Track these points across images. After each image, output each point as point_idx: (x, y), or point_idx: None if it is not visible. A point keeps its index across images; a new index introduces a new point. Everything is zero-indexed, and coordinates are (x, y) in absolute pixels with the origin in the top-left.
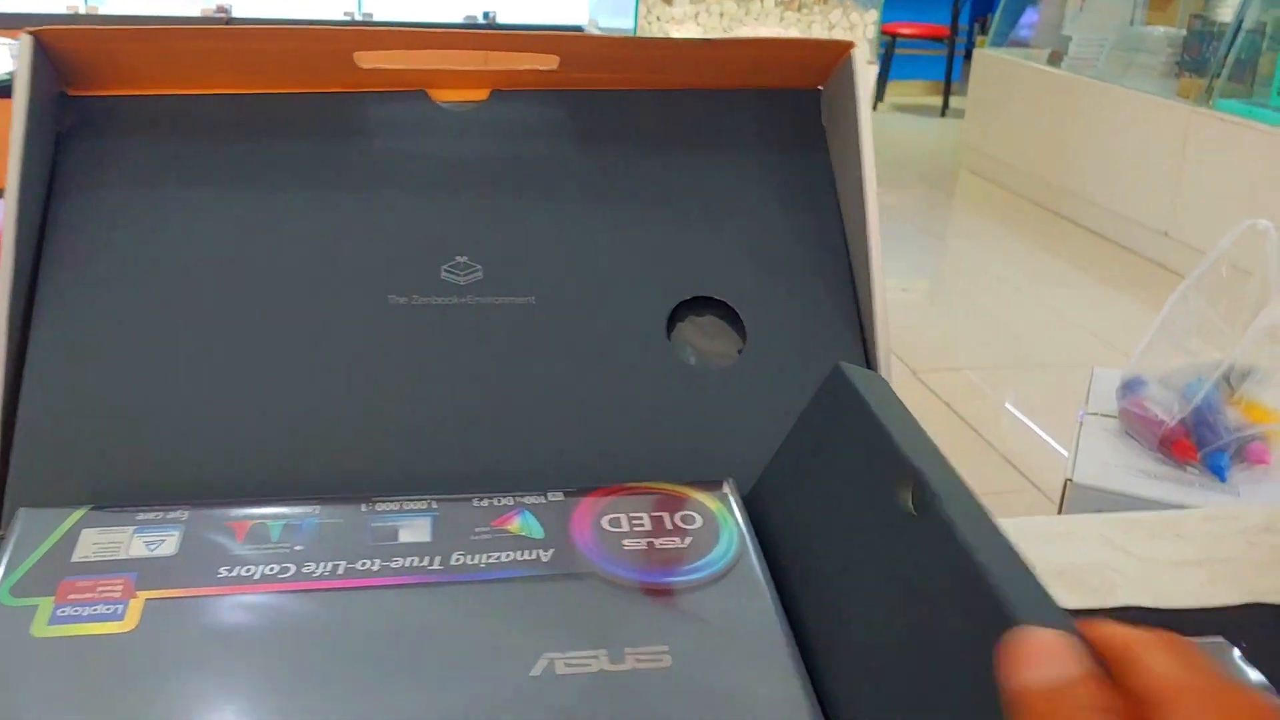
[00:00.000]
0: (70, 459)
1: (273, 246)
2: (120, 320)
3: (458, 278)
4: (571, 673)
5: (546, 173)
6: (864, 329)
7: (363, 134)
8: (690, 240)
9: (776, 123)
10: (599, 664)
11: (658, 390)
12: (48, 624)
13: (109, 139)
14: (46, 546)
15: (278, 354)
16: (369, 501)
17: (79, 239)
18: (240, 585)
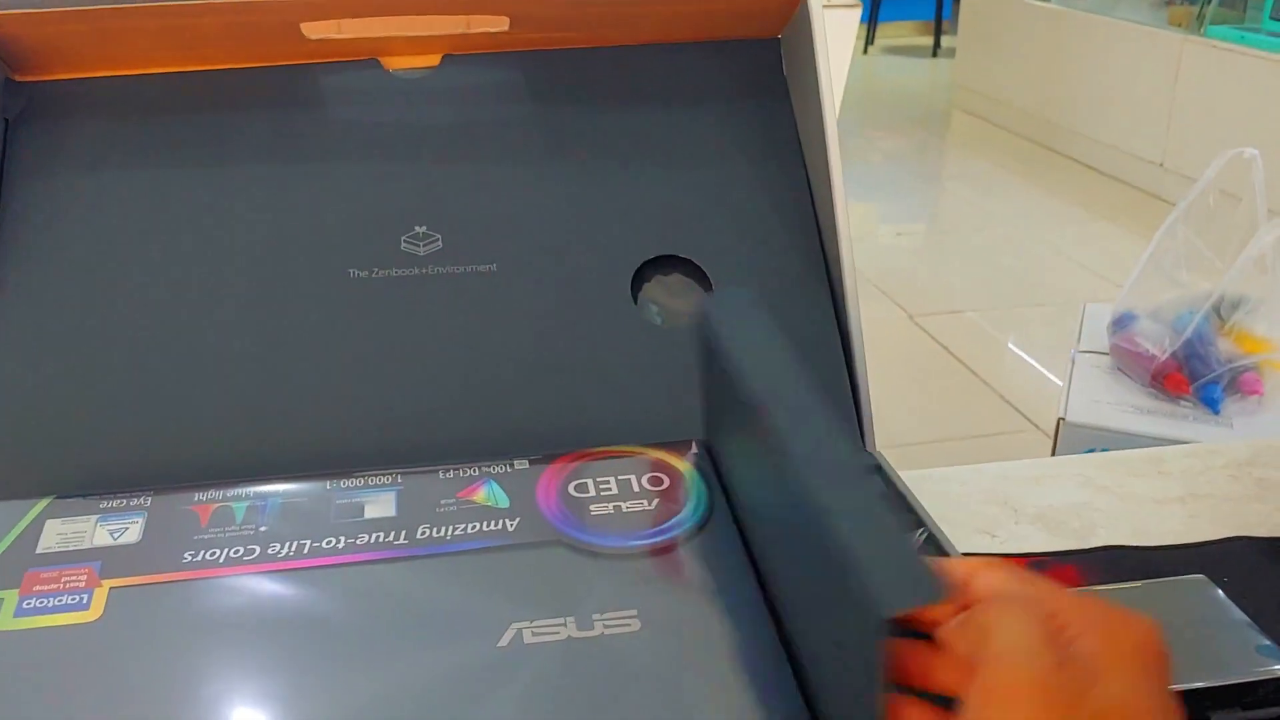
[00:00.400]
0: (29, 450)
1: (228, 225)
2: (75, 306)
3: (417, 248)
4: (539, 641)
5: (504, 137)
6: (831, 278)
7: (315, 106)
8: (653, 198)
9: (735, 74)
10: (567, 631)
11: (625, 352)
12: (14, 616)
13: (58, 123)
14: (10, 539)
15: (238, 334)
16: (334, 478)
17: (31, 226)
18: (205, 569)
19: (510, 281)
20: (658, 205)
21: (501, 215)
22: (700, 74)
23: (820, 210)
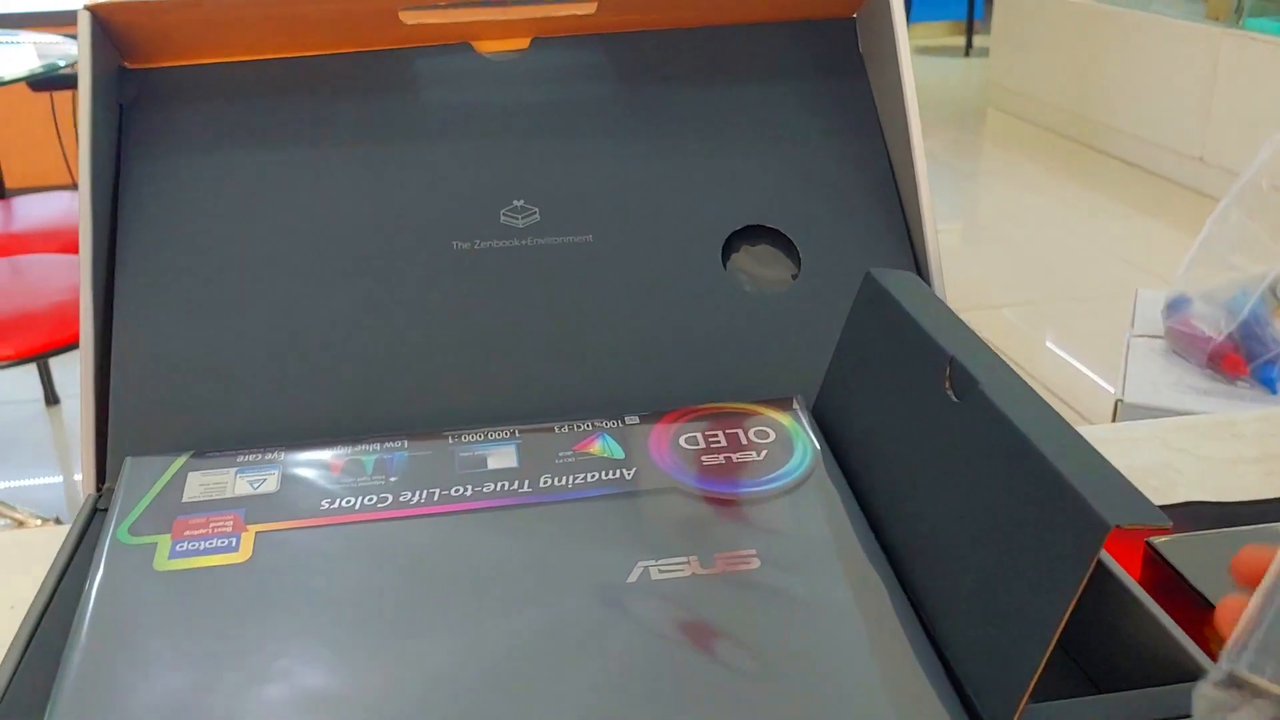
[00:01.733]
0: (163, 412)
1: (336, 200)
2: (198, 278)
3: (516, 221)
4: (666, 578)
5: (594, 115)
6: (915, 248)
7: (412, 89)
8: (739, 171)
9: (813, 53)
10: (691, 568)
11: (717, 318)
12: (168, 558)
13: (170, 109)
14: (156, 490)
15: (352, 303)
16: (453, 434)
17: (149, 204)
18: (343, 515)
19: (605, 251)
20: (744, 178)
21: (595, 189)
22: (779, 53)
23: (902, 185)
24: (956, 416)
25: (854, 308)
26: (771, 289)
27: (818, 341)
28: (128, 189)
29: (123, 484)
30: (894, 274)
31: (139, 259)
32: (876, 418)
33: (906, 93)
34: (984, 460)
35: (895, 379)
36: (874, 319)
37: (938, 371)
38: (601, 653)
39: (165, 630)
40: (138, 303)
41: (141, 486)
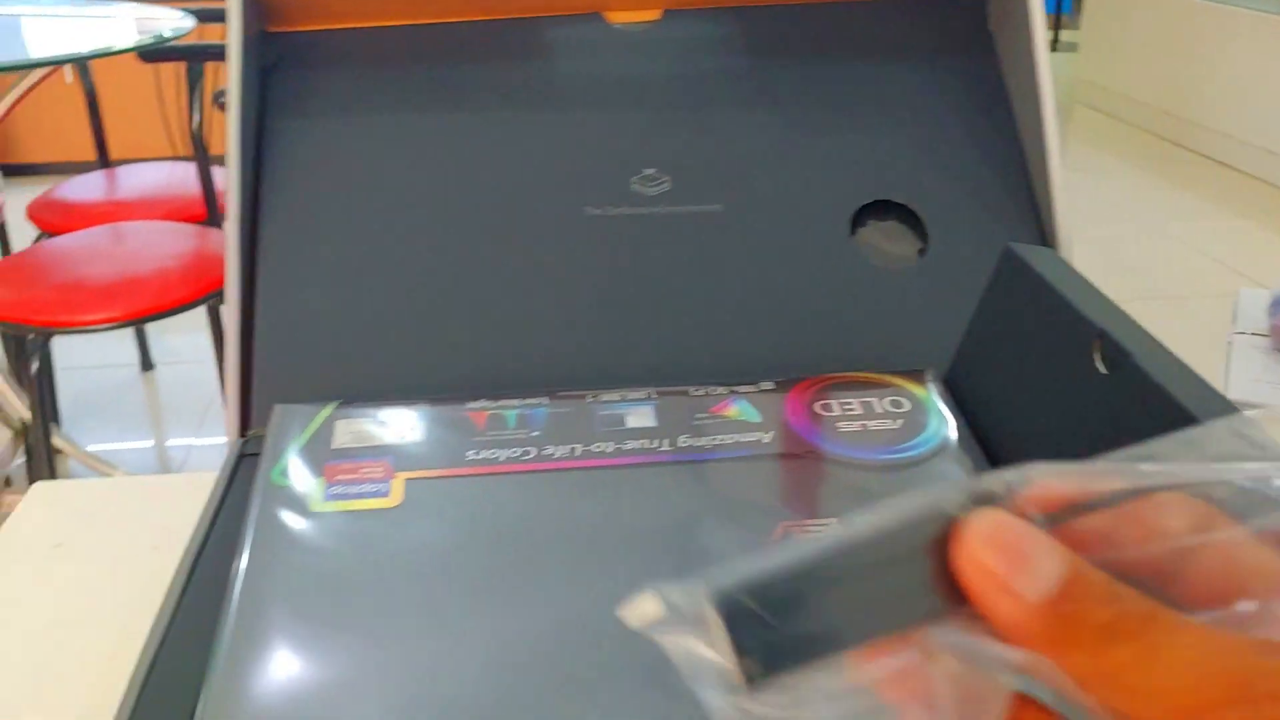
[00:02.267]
0: (304, 364)
1: (472, 165)
2: (337, 236)
3: (647, 189)
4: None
5: (724, 86)
6: (1043, 228)
7: (545, 57)
8: (868, 146)
9: (944, 30)
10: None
11: (844, 290)
12: (323, 500)
13: (310, 72)
14: (307, 436)
15: (486, 263)
16: (591, 394)
17: (292, 163)
18: (489, 466)
19: (735, 221)
20: (872, 153)
21: (725, 160)
22: (909, 29)
23: (1032, 165)
24: (1106, 390)
25: (992, 282)
26: (898, 263)
27: (943, 316)
28: (270, 148)
29: (273, 430)
30: (1034, 249)
31: (281, 216)
32: (1014, 390)
33: (1040, 71)
34: (1136, 433)
35: (1036, 352)
36: (1014, 292)
37: (1085, 345)
38: None
39: (322, 568)
40: (280, 258)
41: (292, 433)
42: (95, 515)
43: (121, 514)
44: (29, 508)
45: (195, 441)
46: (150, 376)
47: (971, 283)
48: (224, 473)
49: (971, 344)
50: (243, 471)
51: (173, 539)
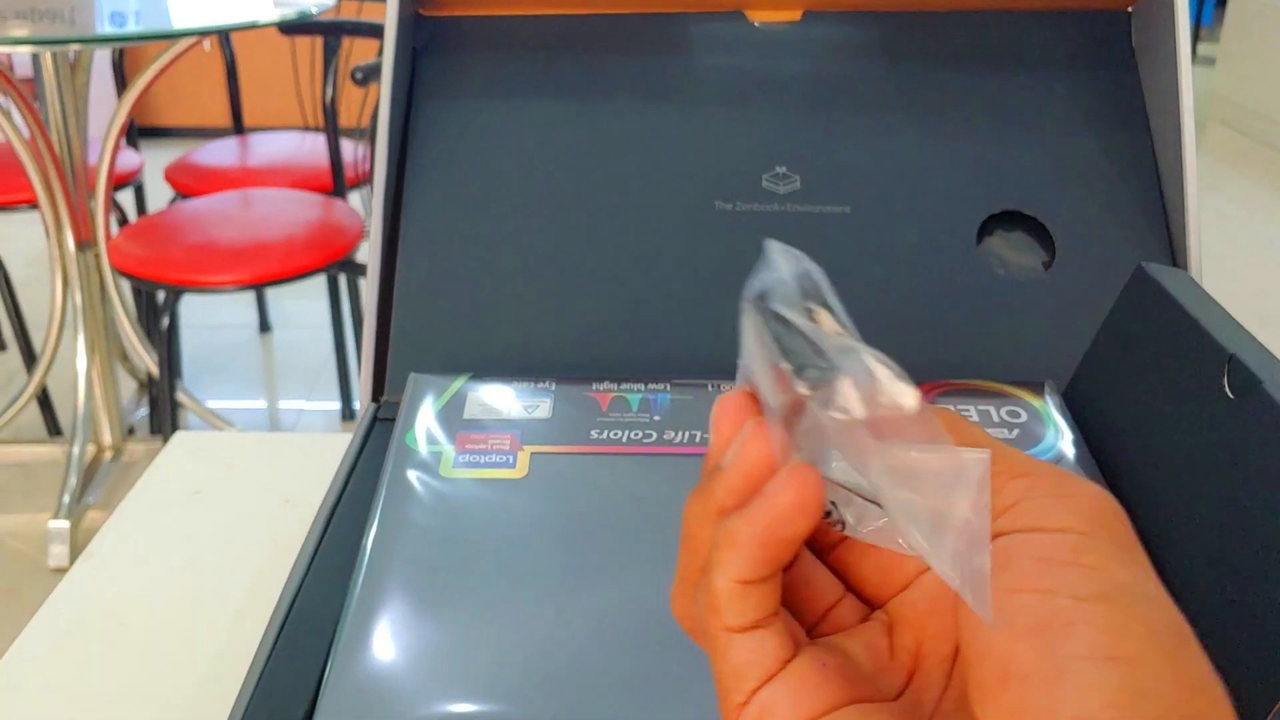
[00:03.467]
0: (439, 336)
1: (608, 153)
2: (476, 215)
3: (777, 186)
4: None
5: (860, 90)
6: (1174, 248)
7: (685, 51)
8: (1000, 156)
9: (1084, 44)
10: None
11: (968, 298)
12: (453, 466)
13: (458, 55)
14: (440, 405)
15: (618, 250)
16: (713, 383)
17: (437, 142)
18: (611, 446)
19: (863, 223)
20: (1004, 163)
21: (856, 162)
22: (1049, 41)
23: (1166, 186)
24: (1233, 415)
25: (1120, 300)
26: (1023, 275)
27: (1066, 330)
28: (417, 127)
29: (408, 397)
30: (1166, 269)
31: (424, 193)
32: (1135, 409)
33: (1183, 91)
34: (1262, 460)
35: (1162, 373)
36: (1143, 312)
37: (1214, 369)
38: None
39: (449, 530)
40: (421, 234)
41: (425, 400)
42: (232, 466)
43: (256, 467)
44: (171, 456)
45: (306, 405)
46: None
47: (1097, 299)
48: (358, 434)
49: (1094, 360)
50: (376, 434)
51: (304, 493)
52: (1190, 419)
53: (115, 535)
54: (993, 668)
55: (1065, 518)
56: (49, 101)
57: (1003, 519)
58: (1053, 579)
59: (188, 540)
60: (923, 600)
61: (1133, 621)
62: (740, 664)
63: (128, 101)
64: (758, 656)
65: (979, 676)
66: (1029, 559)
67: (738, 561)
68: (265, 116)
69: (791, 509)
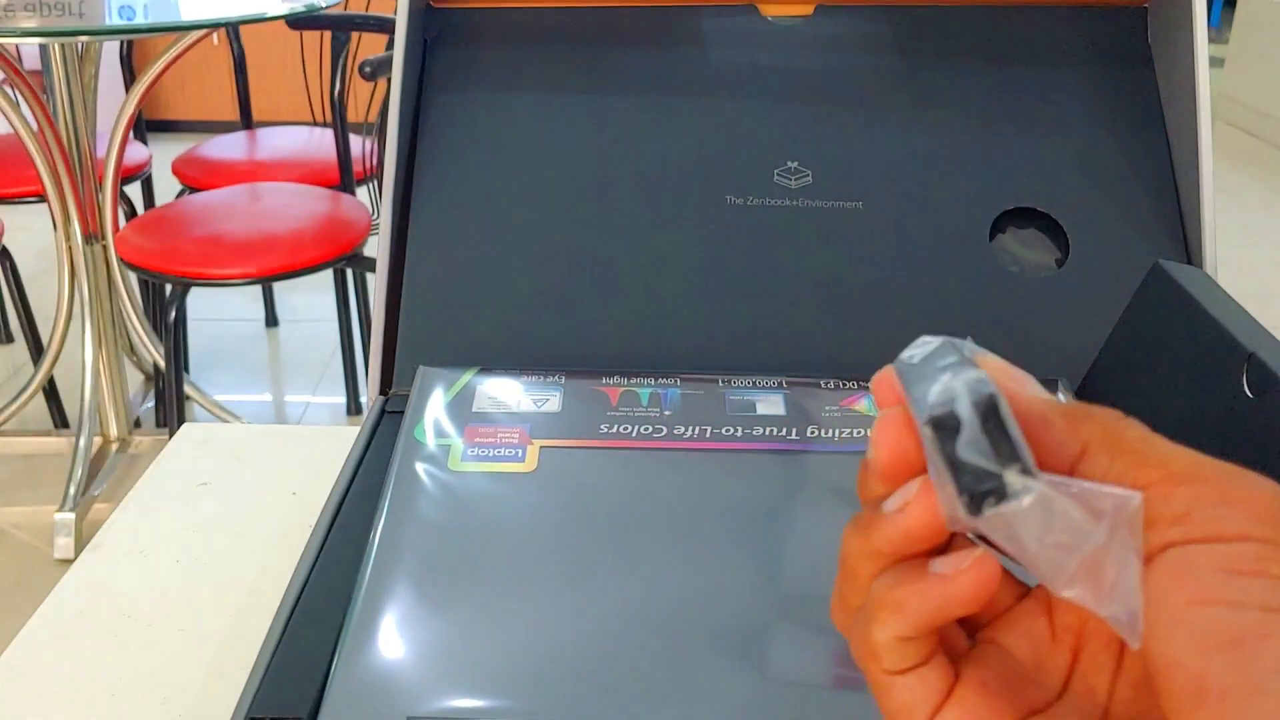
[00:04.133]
0: (448, 329)
1: (618, 147)
2: (486, 208)
3: (789, 181)
4: None
5: (872, 84)
6: (1189, 248)
7: (696, 45)
8: (1014, 152)
9: (1100, 40)
10: None
11: (980, 295)
12: (460, 460)
13: (469, 47)
14: (449, 398)
15: (628, 244)
16: (723, 378)
17: (447, 134)
18: (620, 440)
19: (874, 219)
20: (1018, 160)
21: (868, 157)
22: (1065, 37)
23: (1181, 184)
24: (1252, 414)
25: (1137, 297)
26: (1036, 272)
27: (1079, 328)
28: (427, 119)
29: (417, 390)
30: (1183, 268)
31: (434, 185)
32: (1152, 408)
33: (1199, 89)
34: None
35: (1180, 371)
36: (1160, 310)
37: (1234, 368)
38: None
39: (457, 522)
40: (430, 226)
41: (434, 393)
42: (240, 458)
43: (264, 459)
44: (178, 447)
45: (312, 399)
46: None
47: (1110, 296)
48: (366, 427)
49: (1109, 358)
50: (384, 427)
51: (311, 485)
52: (1208, 418)
53: (122, 526)
54: (1186, 682)
55: (1242, 525)
56: (57, 94)
57: (1175, 529)
58: (1240, 591)
59: (195, 531)
60: None
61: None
62: (904, 704)
63: (136, 94)
64: (920, 694)
65: (1171, 688)
66: (1212, 570)
67: (900, 624)
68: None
69: (967, 595)
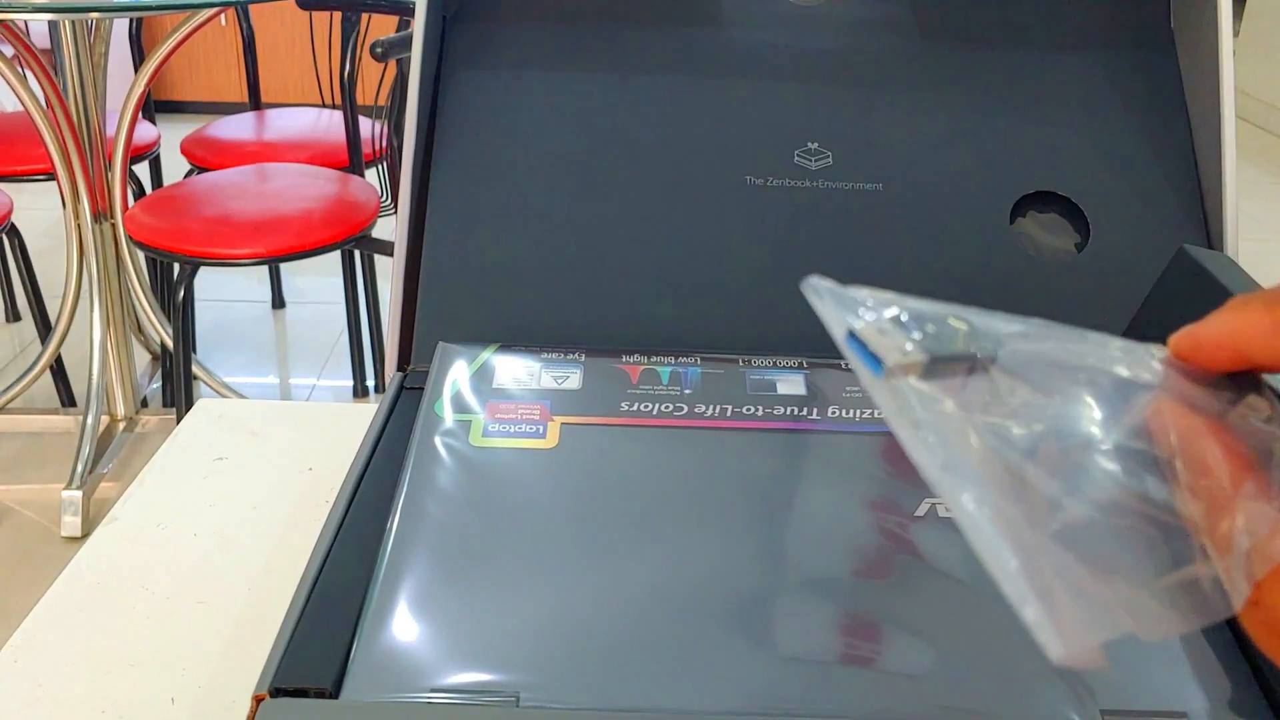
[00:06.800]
0: (466, 306)
1: (640, 125)
2: (506, 185)
3: (809, 163)
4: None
5: (894, 67)
6: (1210, 235)
7: (718, 25)
8: (1034, 136)
9: (1122, 23)
10: None
11: (1000, 279)
12: (482, 435)
13: (489, 23)
14: (470, 374)
15: (648, 223)
16: (743, 358)
17: (467, 111)
18: (640, 419)
19: (894, 201)
20: (1039, 144)
21: (888, 139)
22: (1087, 20)
23: (1203, 169)
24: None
25: (1160, 282)
26: (1056, 256)
27: (1099, 313)
28: (446, 96)
29: (436, 366)
30: (1209, 253)
31: (452, 161)
32: None
33: (1223, 74)
34: None
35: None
36: (1185, 295)
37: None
38: (886, 579)
39: (478, 497)
40: (449, 203)
41: (454, 369)
42: (255, 434)
43: (279, 435)
44: (194, 422)
45: (318, 382)
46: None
47: (1131, 282)
48: (385, 402)
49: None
50: (403, 403)
51: (326, 461)
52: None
53: (139, 500)
54: None
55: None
56: (67, 72)
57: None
58: None
59: (211, 506)
60: None
61: None
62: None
63: (146, 72)
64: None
65: None
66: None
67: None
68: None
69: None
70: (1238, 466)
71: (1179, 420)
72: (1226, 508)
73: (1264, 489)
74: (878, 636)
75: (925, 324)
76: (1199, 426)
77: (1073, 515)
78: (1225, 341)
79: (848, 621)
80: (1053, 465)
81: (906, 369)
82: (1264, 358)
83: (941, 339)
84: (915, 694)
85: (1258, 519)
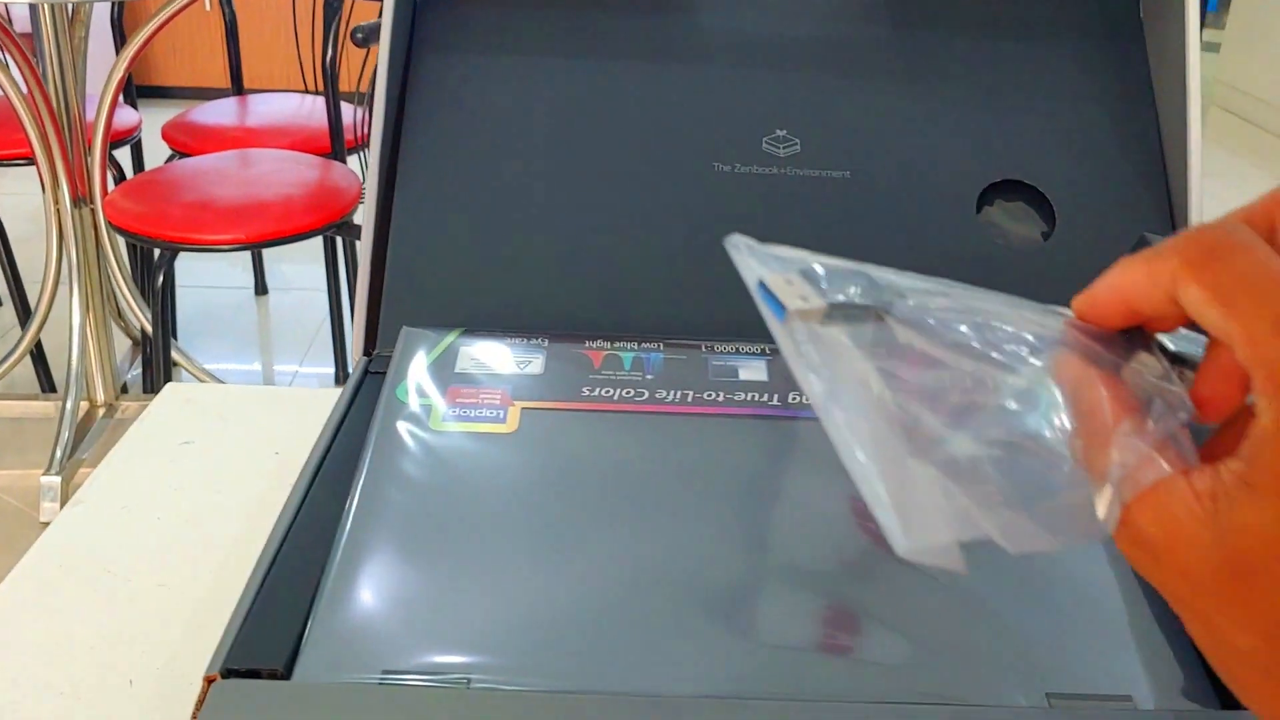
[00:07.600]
0: (432, 291)
1: (608, 111)
2: (474, 171)
3: (777, 150)
4: None
5: (864, 55)
6: (1175, 221)
7: (690, 12)
8: (1002, 124)
9: (1092, 13)
10: None
11: (967, 267)
12: (442, 420)
13: (459, 10)
14: (432, 359)
15: (615, 208)
16: (706, 344)
17: (436, 97)
18: (601, 404)
19: (862, 189)
20: (1006, 132)
21: (857, 127)
22: (1057, 9)
23: (1169, 158)
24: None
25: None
26: (1022, 244)
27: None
28: (415, 81)
29: (399, 350)
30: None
31: (421, 147)
32: None
33: (1190, 64)
34: None
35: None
36: None
37: None
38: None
39: (437, 480)
40: (417, 188)
41: (417, 354)
42: (223, 418)
43: (246, 419)
44: (161, 406)
45: (300, 369)
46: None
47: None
48: (349, 387)
49: None
50: (366, 387)
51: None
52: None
53: (104, 483)
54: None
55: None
56: (47, 56)
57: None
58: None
59: (177, 489)
60: None
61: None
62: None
63: (126, 56)
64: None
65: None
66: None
67: None
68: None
69: None
70: (1120, 410)
71: (1073, 370)
72: (1106, 442)
73: (1140, 427)
74: (827, 619)
75: (832, 277)
76: (1091, 375)
77: (957, 448)
78: (1113, 296)
79: (801, 604)
80: (942, 407)
81: (806, 315)
82: (1149, 309)
83: (844, 290)
84: (862, 676)
85: (1131, 452)
